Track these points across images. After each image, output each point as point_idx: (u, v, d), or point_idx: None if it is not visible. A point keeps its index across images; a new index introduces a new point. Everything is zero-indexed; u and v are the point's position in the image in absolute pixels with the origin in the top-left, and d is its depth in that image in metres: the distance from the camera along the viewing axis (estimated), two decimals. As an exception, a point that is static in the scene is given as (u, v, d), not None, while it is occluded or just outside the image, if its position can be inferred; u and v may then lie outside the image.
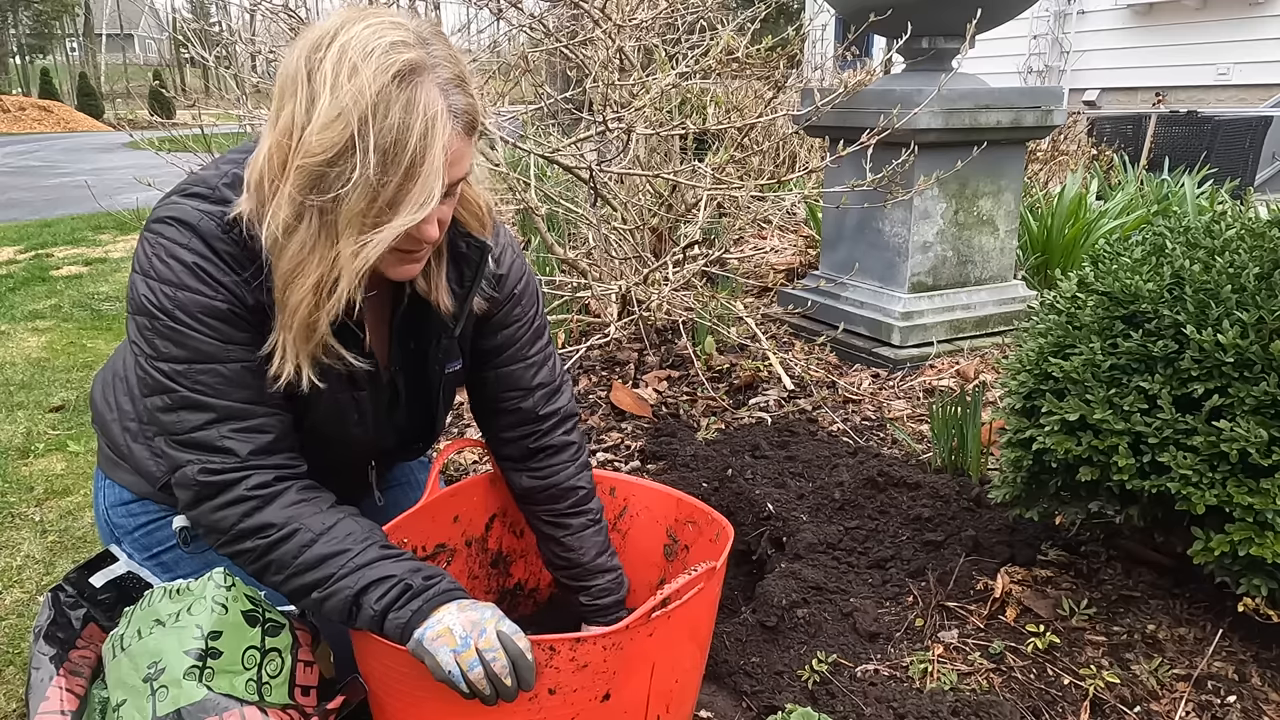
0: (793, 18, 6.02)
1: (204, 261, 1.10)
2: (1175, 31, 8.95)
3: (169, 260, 1.10)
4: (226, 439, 1.12)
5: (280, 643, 1.16)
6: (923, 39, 2.95)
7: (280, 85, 1.04)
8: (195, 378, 1.11)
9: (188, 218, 1.11)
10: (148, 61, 40.78)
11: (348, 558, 1.12)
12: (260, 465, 1.14)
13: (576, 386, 2.88)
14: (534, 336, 1.42)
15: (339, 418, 1.27)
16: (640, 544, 1.56)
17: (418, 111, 1.00)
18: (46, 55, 37.54)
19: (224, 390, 1.12)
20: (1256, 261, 1.42)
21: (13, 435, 2.89)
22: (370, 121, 0.98)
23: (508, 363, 1.40)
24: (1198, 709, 1.36)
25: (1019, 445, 1.57)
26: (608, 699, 1.13)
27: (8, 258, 6.05)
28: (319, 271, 1.05)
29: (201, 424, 1.12)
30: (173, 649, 1.07)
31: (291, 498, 1.15)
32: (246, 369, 1.13)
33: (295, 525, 1.13)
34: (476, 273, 1.27)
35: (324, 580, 1.11)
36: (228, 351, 1.12)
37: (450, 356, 1.35)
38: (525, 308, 1.40)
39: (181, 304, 1.10)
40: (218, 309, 1.11)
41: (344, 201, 1.01)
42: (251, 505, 1.13)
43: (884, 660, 1.54)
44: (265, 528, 1.12)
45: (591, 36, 2.91)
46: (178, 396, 1.11)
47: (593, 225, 3.08)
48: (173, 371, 1.11)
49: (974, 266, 3.09)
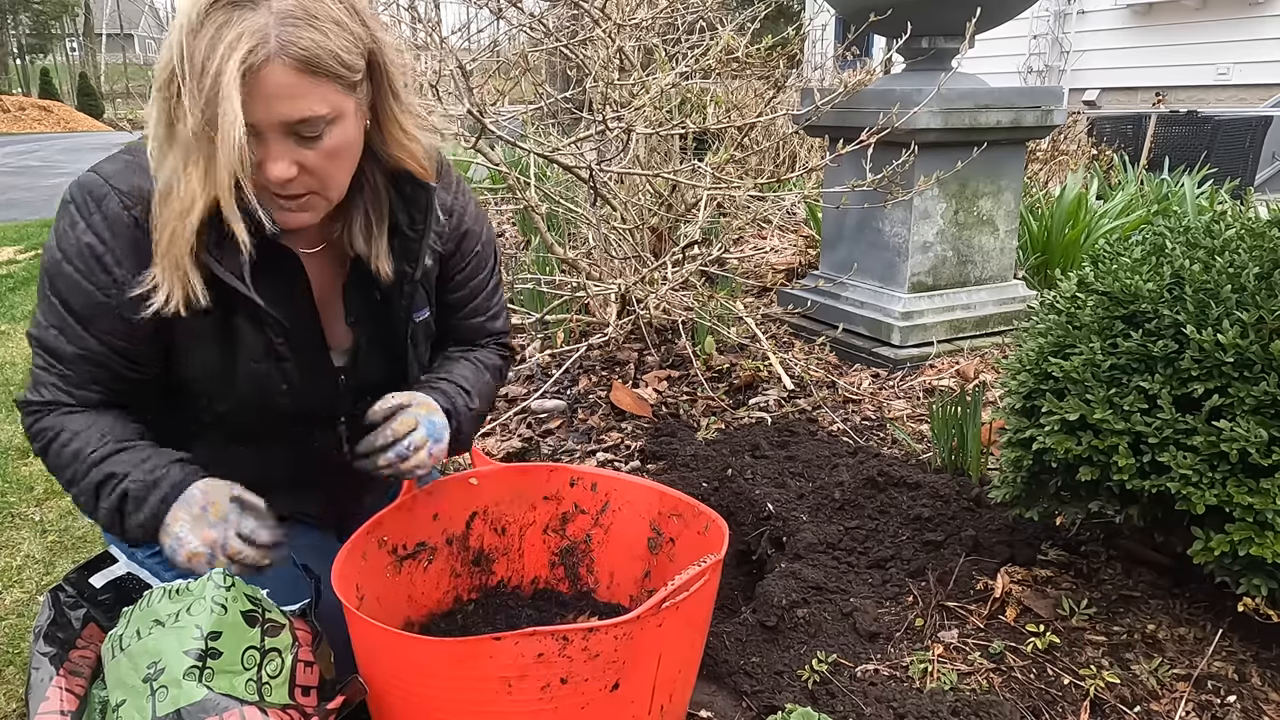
0: (793, 17, 6.02)
1: (96, 243, 1.15)
2: (1175, 31, 8.95)
3: (69, 231, 1.16)
4: (49, 386, 1.22)
5: (280, 643, 1.15)
6: (923, 39, 2.95)
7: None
8: (48, 336, 1.20)
9: (97, 192, 1.16)
10: (148, 61, 40.74)
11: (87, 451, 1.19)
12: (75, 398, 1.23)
13: (576, 386, 2.88)
14: (495, 288, 1.50)
15: (262, 387, 1.28)
16: (624, 538, 1.57)
17: (224, 36, 1.01)
18: (46, 55, 37.54)
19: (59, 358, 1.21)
20: (1256, 261, 1.42)
21: (13, 435, 2.89)
22: (184, 45, 1.01)
23: (472, 315, 1.48)
24: (1198, 709, 1.36)
25: (1019, 445, 1.57)
26: (617, 688, 1.14)
27: (8, 257, 6.05)
28: (183, 199, 1.07)
29: (42, 366, 1.22)
30: (172, 649, 1.07)
31: (65, 410, 1.22)
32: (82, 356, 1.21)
33: (59, 427, 1.20)
34: (426, 214, 1.28)
35: (73, 478, 1.20)
36: (77, 336, 1.19)
37: (417, 304, 1.36)
38: (485, 247, 1.45)
39: (61, 275, 1.17)
40: (87, 292, 1.16)
41: (180, 128, 1.05)
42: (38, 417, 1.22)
43: (884, 660, 1.54)
44: (40, 433, 1.21)
45: (591, 36, 2.91)
46: (36, 338, 1.22)
47: (592, 225, 3.08)
48: (38, 321, 1.21)
49: (974, 266, 3.09)
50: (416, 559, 1.48)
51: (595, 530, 1.58)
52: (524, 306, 3.25)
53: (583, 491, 1.58)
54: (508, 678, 1.07)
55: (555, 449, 2.51)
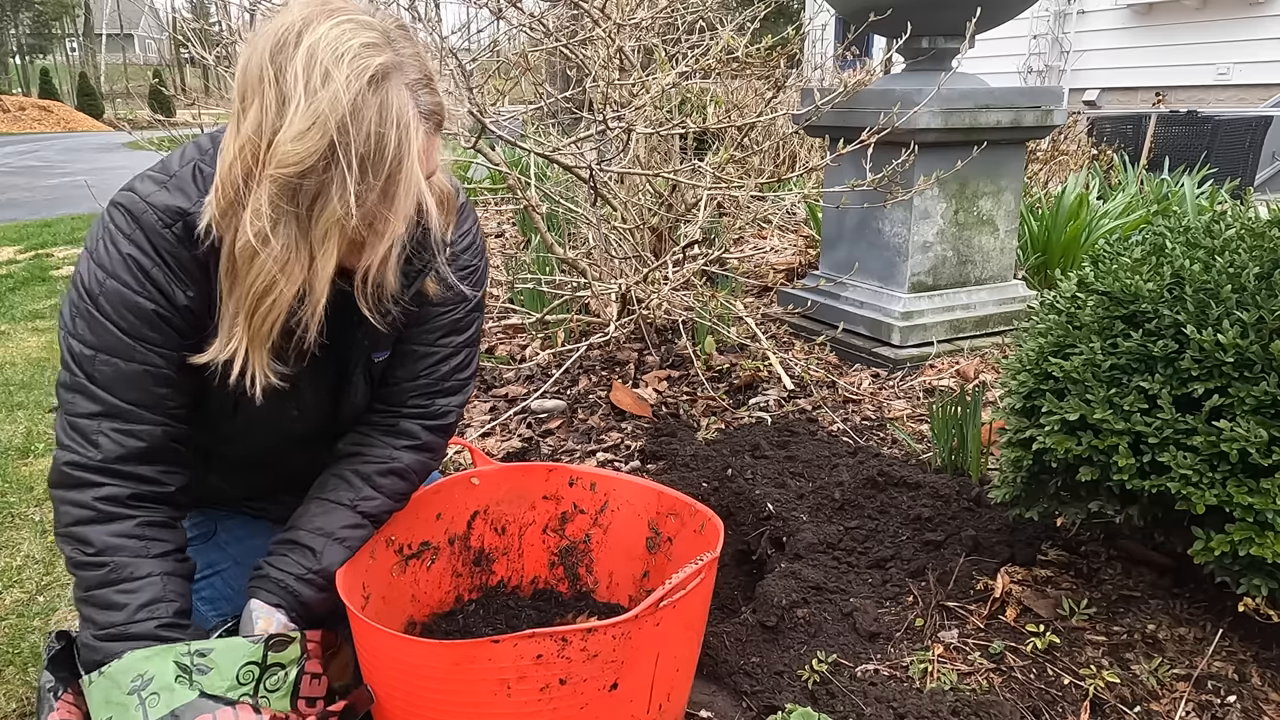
0: (793, 17, 6.02)
1: (140, 256, 1.12)
2: (1175, 31, 8.95)
3: (109, 246, 1.12)
4: (102, 435, 1.14)
5: (285, 657, 1.15)
6: (923, 39, 2.95)
7: (244, 82, 1.01)
8: (97, 366, 1.13)
9: (134, 208, 1.13)
10: (148, 61, 40.76)
11: (124, 616, 1.11)
12: (121, 474, 1.15)
13: (576, 387, 2.88)
14: (451, 328, 1.35)
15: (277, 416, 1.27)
16: (622, 538, 1.57)
17: (391, 117, 0.99)
18: (46, 55, 37.53)
19: (118, 387, 1.13)
20: (1256, 261, 1.41)
21: (13, 435, 2.89)
22: (348, 130, 0.97)
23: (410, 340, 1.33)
24: (1198, 709, 1.36)
25: (1019, 445, 1.57)
26: (615, 688, 1.14)
27: (8, 258, 6.05)
28: (298, 280, 1.04)
29: (87, 413, 1.14)
30: (158, 663, 1.07)
31: (128, 528, 1.15)
32: (147, 372, 1.14)
33: (109, 559, 1.13)
34: (425, 264, 1.23)
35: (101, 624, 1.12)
36: (134, 351, 1.13)
37: (380, 343, 1.30)
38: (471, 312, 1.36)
39: (107, 292, 1.12)
40: (140, 306, 1.12)
41: (323, 210, 1.00)
42: (89, 515, 1.13)
43: (884, 660, 1.54)
44: (85, 542, 1.13)
45: (591, 36, 2.91)
46: (77, 381, 1.13)
47: (592, 225, 3.08)
48: (80, 353, 1.13)
49: (974, 266, 3.08)
50: (420, 558, 1.48)
51: (594, 530, 1.58)
52: (524, 306, 3.25)
53: (582, 491, 1.58)
54: (507, 679, 1.08)
55: (555, 449, 2.51)
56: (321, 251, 1.03)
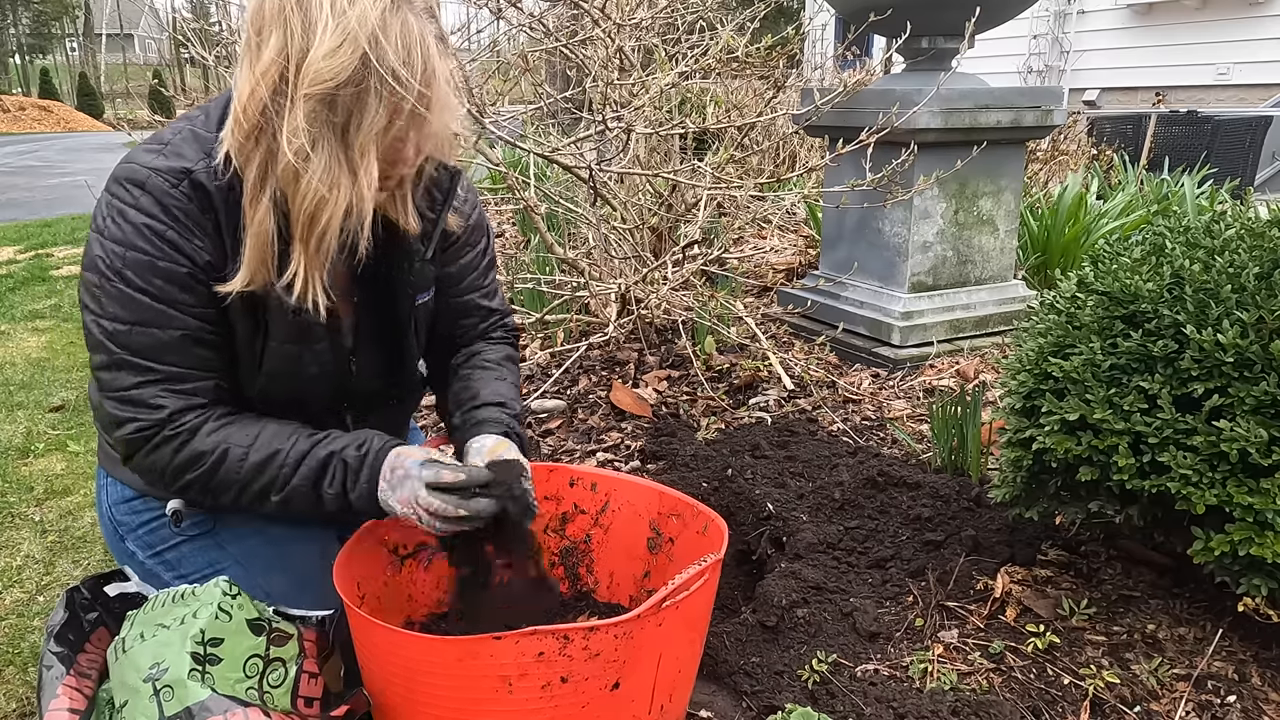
0: (792, 17, 6.02)
1: (153, 221, 1.13)
2: (1175, 31, 8.95)
3: (119, 220, 1.13)
4: (159, 397, 1.17)
5: (285, 653, 1.16)
6: (923, 39, 2.95)
7: (260, 17, 1.05)
8: (135, 339, 1.14)
9: (136, 177, 1.14)
10: (148, 61, 40.78)
11: (282, 456, 1.19)
12: (195, 407, 1.20)
13: (576, 387, 2.88)
14: (490, 266, 1.52)
15: (294, 366, 1.28)
16: (623, 538, 1.57)
17: (415, 34, 1.06)
18: (46, 55, 37.54)
19: (160, 353, 1.16)
20: (1256, 261, 1.42)
21: (13, 435, 2.89)
22: (380, 42, 1.02)
23: (468, 291, 1.49)
24: (1198, 709, 1.36)
25: (1019, 445, 1.57)
26: (617, 688, 1.14)
27: (8, 258, 6.05)
28: (346, 194, 1.08)
29: (136, 383, 1.16)
30: (174, 650, 1.07)
31: (212, 426, 1.20)
32: (186, 336, 1.16)
33: (224, 445, 1.19)
34: (447, 195, 1.33)
35: (271, 484, 1.19)
36: (169, 318, 1.15)
37: (422, 285, 1.37)
38: (482, 234, 1.49)
39: (130, 264, 1.13)
40: (164, 269, 1.13)
41: (361, 121, 1.05)
42: (180, 442, 1.17)
43: (884, 660, 1.54)
44: (199, 457, 1.18)
45: (591, 36, 2.91)
46: (117, 356, 1.15)
47: (592, 225, 3.08)
48: (115, 330, 1.14)
49: (974, 266, 3.09)
50: (417, 558, 1.48)
51: (595, 530, 1.58)
52: (524, 306, 3.25)
53: (582, 491, 1.58)
54: (508, 676, 1.08)
55: (555, 449, 2.51)
56: (364, 165, 1.07)
